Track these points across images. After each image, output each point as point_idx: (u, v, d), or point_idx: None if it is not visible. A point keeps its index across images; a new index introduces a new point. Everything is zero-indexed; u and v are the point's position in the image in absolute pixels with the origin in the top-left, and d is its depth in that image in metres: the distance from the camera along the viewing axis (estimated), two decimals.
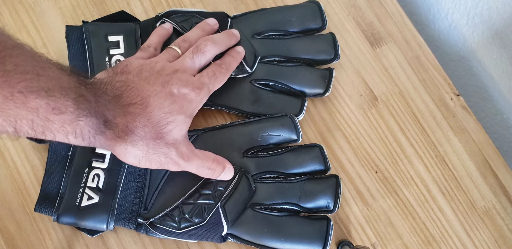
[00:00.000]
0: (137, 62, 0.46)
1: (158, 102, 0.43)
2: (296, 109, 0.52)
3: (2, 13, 0.55)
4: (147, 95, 0.43)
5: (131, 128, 0.41)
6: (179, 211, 0.47)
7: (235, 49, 0.52)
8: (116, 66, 0.46)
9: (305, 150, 0.51)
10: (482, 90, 0.63)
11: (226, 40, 0.51)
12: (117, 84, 0.42)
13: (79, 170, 0.48)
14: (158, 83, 0.44)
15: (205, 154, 0.47)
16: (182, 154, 0.44)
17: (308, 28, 0.55)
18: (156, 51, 0.51)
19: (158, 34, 0.52)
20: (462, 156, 0.54)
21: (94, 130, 0.39)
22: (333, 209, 0.49)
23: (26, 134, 0.35)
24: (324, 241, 0.48)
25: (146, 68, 0.46)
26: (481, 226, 0.53)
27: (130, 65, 0.46)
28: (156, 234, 0.48)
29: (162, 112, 0.43)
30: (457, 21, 0.62)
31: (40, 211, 0.48)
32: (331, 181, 0.50)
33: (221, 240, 0.48)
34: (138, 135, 0.42)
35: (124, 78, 0.44)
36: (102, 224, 0.47)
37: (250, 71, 0.52)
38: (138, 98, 0.42)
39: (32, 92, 0.33)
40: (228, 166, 0.48)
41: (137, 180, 0.49)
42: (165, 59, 0.48)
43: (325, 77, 0.53)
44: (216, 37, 0.51)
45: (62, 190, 0.48)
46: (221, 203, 0.47)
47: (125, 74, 0.44)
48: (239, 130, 0.51)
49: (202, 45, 0.49)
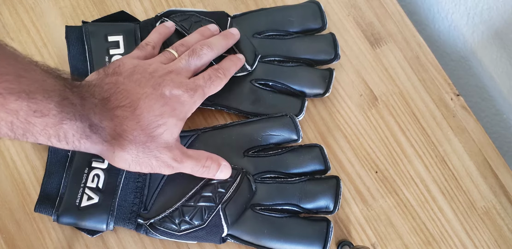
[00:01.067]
0: (130, 63, 0.46)
1: (148, 104, 0.42)
2: (296, 109, 0.52)
3: (2, 13, 0.55)
4: (136, 98, 0.42)
5: (119, 132, 0.41)
6: (179, 213, 0.47)
7: (236, 55, 0.51)
8: (108, 67, 0.45)
9: (305, 150, 0.51)
10: (482, 90, 0.63)
11: (223, 43, 0.50)
12: (106, 86, 0.42)
13: (79, 170, 0.48)
14: (149, 85, 0.44)
15: (199, 153, 0.47)
16: (174, 157, 0.44)
17: (308, 28, 0.55)
18: (155, 50, 0.50)
19: (159, 32, 0.51)
20: (462, 156, 0.54)
21: (79, 134, 0.38)
22: (333, 210, 0.49)
23: (5, 135, 0.35)
24: (324, 243, 0.48)
25: (139, 70, 0.45)
26: (481, 226, 0.53)
27: (122, 66, 0.45)
28: (156, 235, 0.48)
29: (152, 115, 0.42)
30: (457, 21, 0.62)
31: (40, 211, 0.48)
32: (331, 182, 0.50)
33: (221, 241, 0.48)
34: (127, 139, 0.41)
35: (114, 80, 0.43)
36: (102, 224, 0.47)
37: (250, 69, 0.52)
38: (127, 100, 0.42)
39: (12, 94, 0.33)
40: (224, 164, 0.47)
41: (137, 180, 0.48)
42: (159, 62, 0.47)
43: (325, 78, 0.53)
44: (213, 40, 0.50)
45: (62, 190, 0.48)
46: (222, 206, 0.47)
47: (115, 76, 0.44)
48: (239, 130, 0.51)
49: (198, 48, 0.48)
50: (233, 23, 0.54)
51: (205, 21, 0.53)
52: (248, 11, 0.55)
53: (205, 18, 0.53)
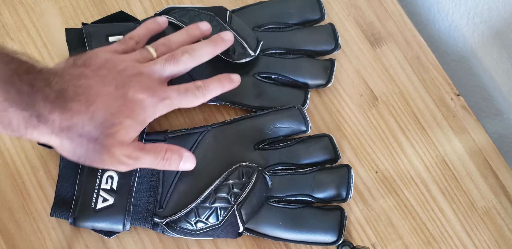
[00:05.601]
0: (103, 56, 0.43)
1: (104, 102, 0.41)
2: (300, 100, 0.53)
3: (2, 13, 0.55)
4: (95, 94, 0.40)
5: (69, 125, 0.39)
6: (194, 214, 0.47)
7: (229, 77, 0.48)
8: (80, 57, 0.43)
9: (315, 140, 0.52)
10: (482, 90, 0.63)
11: (209, 51, 0.47)
12: (68, 77, 0.40)
13: (92, 172, 0.48)
14: (113, 84, 0.42)
15: (156, 146, 0.45)
16: (128, 153, 0.42)
17: (307, 19, 0.56)
18: (137, 45, 0.47)
19: (147, 27, 0.48)
20: (462, 156, 0.54)
21: (24, 123, 0.37)
22: (345, 197, 0.50)
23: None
24: (339, 231, 0.49)
25: (109, 65, 0.43)
26: (481, 226, 0.53)
27: (94, 58, 0.43)
28: (173, 234, 0.48)
29: (107, 113, 0.41)
30: (457, 21, 0.62)
31: (56, 215, 0.48)
32: (342, 170, 0.50)
33: (237, 236, 0.48)
34: (76, 132, 0.40)
35: (79, 72, 0.41)
36: (118, 225, 0.47)
37: (253, 55, 0.51)
38: (84, 96, 0.40)
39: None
40: (187, 154, 0.46)
41: (150, 179, 0.49)
42: (133, 59, 0.44)
43: (326, 68, 0.54)
44: (197, 47, 0.46)
45: (77, 194, 0.48)
46: (237, 207, 0.47)
47: (82, 68, 0.42)
48: (248, 124, 0.51)
49: (179, 54, 0.45)
50: (232, 16, 0.54)
51: (204, 15, 0.52)
52: (247, 5, 0.56)
53: (203, 12, 0.53)
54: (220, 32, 0.50)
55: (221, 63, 0.51)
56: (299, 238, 0.49)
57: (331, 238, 0.49)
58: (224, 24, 0.52)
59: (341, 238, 0.49)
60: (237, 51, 0.51)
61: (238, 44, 0.51)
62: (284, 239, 0.49)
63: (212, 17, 0.52)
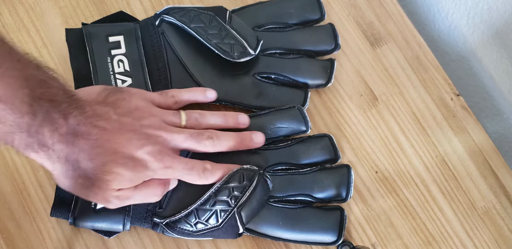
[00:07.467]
0: (135, 102, 0.44)
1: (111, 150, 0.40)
2: (300, 100, 0.53)
3: (2, 13, 0.55)
4: (106, 138, 0.40)
5: (68, 159, 0.39)
6: (194, 215, 0.47)
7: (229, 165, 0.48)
8: (115, 93, 0.43)
9: (315, 140, 0.52)
10: (482, 90, 0.63)
11: (232, 145, 0.47)
12: (89, 113, 0.39)
13: None
14: (128, 137, 0.41)
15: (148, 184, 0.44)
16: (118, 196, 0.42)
17: (307, 19, 0.56)
18: (174, 106, 0.48)
19: (194, 94, 0.49)
20: (462, 156, 0.54)
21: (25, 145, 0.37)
22: (345, 197, 0.50)
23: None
24: (339, 231, 0.49)
25: (136, 114, 0.43)
26: (481, 226, 0.53)
27: (125, 101, 0.43)
28: (173, 235, 0.48)
29: (109, 160, 0.40)
30: (457, 21, 0.62)
31: (56, 215, 0.48)
32: (342, 170, 0.51)
33: (237, 236, 0.48)
34: (72, 166, 0.39)
35: (102, 112, 0.41)
36: (118, 225, 0.47)
37: (253, 54, 0.51)
38: (95, 137, 0.39)
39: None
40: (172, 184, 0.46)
41: None
42: (162, 119, 0.44)
43: (326, 68, 0.54)
44: (224, 138, 0.47)
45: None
46: (238, 209, 0.47)
47: (109, 107, 0.42)
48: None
49: (204, 137, 0.46)
50: (232, 16, 0.54)
51: (204, 15, 0.52)
52: (247, 5, 0.56)
53: (204, 12, 0.53)
54: (253, 132, 0.50)
55: (221, 62, 0.52)
56: (299, 238, 0.49)
57: (331, 238, 0.49)
58: (224, 24, 0.52)
59: (341, 238, 0.49)
60: (237, 50, 0.51)
61: (238, 43, 0.51)
62: (284, 239, 0.49)
63: (212, 17, 0.52)
